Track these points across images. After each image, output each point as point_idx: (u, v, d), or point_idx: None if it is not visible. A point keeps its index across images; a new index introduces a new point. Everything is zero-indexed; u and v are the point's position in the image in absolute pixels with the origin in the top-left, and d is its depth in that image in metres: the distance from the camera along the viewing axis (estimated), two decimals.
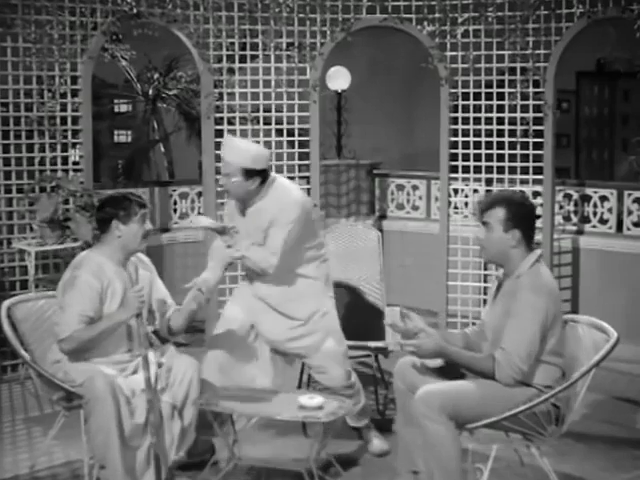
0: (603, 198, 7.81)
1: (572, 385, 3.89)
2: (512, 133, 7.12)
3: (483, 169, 7.27)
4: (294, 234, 4.53)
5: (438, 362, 4.08)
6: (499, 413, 3.81)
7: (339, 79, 10.11)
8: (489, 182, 7.35)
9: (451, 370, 4.07)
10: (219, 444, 4.62)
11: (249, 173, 4.46)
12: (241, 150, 4.50)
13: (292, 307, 4.70)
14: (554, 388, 3.87)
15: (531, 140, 7.06)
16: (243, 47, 7.12)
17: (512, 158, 7.16)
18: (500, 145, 7.17)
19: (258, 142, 7.22)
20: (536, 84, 7.03)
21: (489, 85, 7.14)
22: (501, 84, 7.10)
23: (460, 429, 3.88)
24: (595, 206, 7.84)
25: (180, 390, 4.29)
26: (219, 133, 7.05)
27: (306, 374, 5.46)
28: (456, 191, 7.55)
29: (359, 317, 5.73)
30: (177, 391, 4.29)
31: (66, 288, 4.24)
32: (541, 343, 3.83)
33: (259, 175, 4.49)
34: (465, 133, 7.21)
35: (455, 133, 7.25)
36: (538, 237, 7.08)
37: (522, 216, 3.94)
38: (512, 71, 7.06)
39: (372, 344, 5.52)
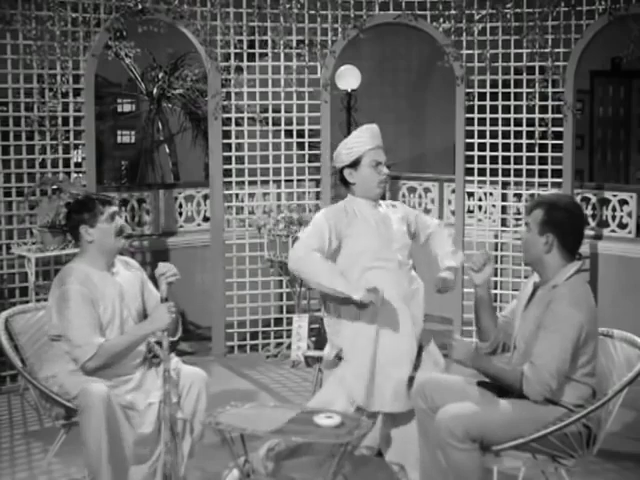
0: (622, 202, 7.61)
1: (604, 404, 3.70)
2: (530, 135, 6.91)
3: (500, 172, 7.08)
4: None
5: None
6: (527, 434, 3.64)
7: (349, 78, 9.92)
8: (505, 185, 7.15)
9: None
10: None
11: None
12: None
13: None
14: (585, 407, 3.68)
15: (550, 142, 6.86)
16: (251, 45, 6.98)
17: (530, 160, 6.96)
18: (517, 147, 6.96)
19: (266, 143, 7.06)
20: (554, 84, 6.83)
21: (506, 85, 6.96)
22: (519, 84, 6.92)
23: (485, 450, 3.69)
24: (614, 210, 7.65)
25: (188, 404, 4.10)
26: (226, 134, 6.94)
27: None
28: (470, 194, 7.35)
29: None
30: (185, 405, 4.09)
31: (60, 307, 4.03)
32: (571, 361, 3.63)
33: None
34: (481, 134, 7.01)
35: (470, 134, 7.05)
36: None
37: (561, 221, 3.73)
38: (530, 70, 6.88)
39: None
